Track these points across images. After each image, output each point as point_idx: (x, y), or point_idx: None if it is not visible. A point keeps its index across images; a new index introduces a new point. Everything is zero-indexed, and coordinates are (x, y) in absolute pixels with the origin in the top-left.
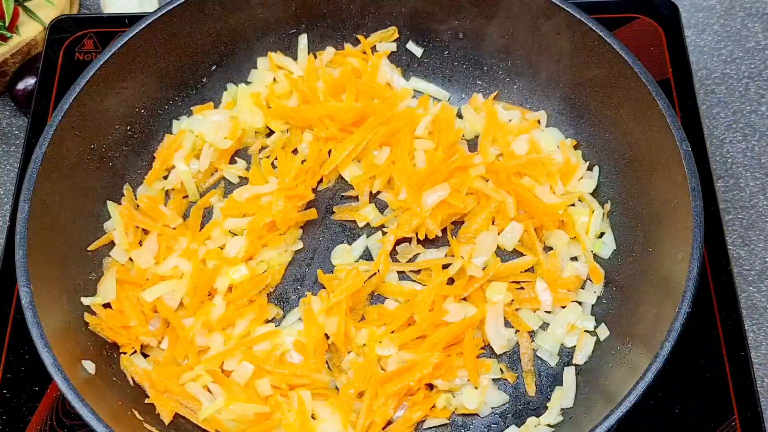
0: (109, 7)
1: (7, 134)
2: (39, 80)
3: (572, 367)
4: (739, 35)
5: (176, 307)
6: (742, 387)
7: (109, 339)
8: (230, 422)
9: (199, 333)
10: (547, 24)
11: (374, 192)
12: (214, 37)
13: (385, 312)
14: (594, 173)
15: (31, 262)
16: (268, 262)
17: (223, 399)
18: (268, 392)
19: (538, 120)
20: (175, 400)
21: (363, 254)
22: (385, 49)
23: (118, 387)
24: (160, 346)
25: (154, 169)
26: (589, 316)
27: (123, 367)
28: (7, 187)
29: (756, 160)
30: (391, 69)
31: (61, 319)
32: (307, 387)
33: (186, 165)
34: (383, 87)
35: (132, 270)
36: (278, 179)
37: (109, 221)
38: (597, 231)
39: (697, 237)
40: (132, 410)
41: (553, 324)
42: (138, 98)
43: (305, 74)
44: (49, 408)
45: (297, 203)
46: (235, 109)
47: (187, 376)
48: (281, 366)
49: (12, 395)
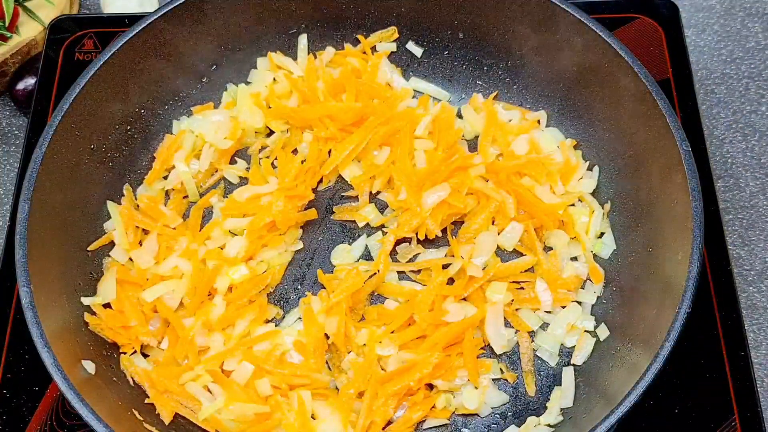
0: (109, 7)
1: (7, 134)
2: (39, 80)
3: (571, 367)
4: (739, 35)
5: (176, 307)
6: (742, 387)
7: (109, 339)
8: (230, 422)
9: (199, 333)
10: (547, 24)
11: (374, 192)
12: (214, 37)
13: (385, 312)
14: (594, 173)
15: (31, 262)
16: (268, 262)
17: (223, 399)
18: (268, 392)
19: (538, 120)
20: (175, 400)
21: (363, 254)
22: (385, 49)
23: (118, 387)
24: (160, 346)
25: (154, 170)
26: (589, 316)
27: (123, 367)
28: (7, 187)
29: (756, 160)
30: (391, 69)
31: (61, 319)
32: (307, 387)
33: (186, 165)
34: (383, 87)
35: (132, 270)
36: (278, 179)
37: (109, 221)
38: (597, 231)
39: (697, 237)
40: (132, 410)
41: (553, 324)
42: (138, 98)
43: (305, 74)
44: (49, 408)
45: (297, 203)
46: (235, 109)
47: (187, 376)
48: (281, 366)
49: (12, 395)
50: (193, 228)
